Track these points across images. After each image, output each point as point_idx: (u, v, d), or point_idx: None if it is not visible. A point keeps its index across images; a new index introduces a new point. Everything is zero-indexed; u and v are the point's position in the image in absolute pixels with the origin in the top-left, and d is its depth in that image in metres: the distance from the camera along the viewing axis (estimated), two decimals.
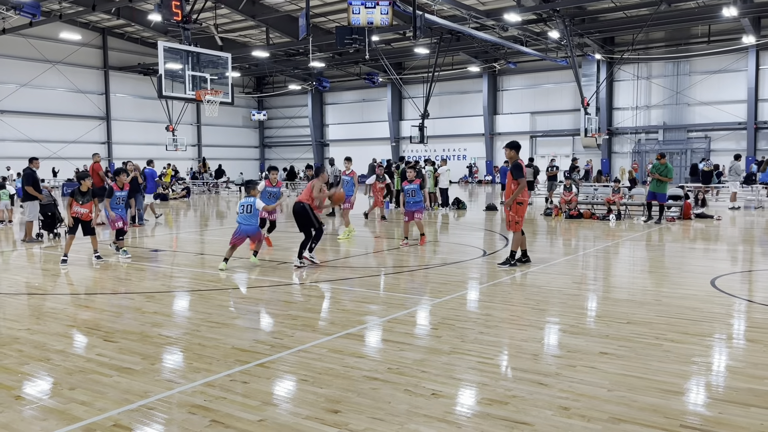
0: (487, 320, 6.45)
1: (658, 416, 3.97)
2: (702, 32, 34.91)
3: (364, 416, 4.01)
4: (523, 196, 9.71)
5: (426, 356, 5.23)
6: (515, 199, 9.59)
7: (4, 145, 38.05)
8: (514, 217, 9.66)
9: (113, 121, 44.13)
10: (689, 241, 13.33)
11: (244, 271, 9.86)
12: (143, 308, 7.16)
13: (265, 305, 7.49)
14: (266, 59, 39.83)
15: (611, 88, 39.47)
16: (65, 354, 5.42)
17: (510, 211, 9.68)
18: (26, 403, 4.29)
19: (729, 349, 5.51)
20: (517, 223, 9.66)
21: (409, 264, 10.41)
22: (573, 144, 41.55)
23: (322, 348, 5.49)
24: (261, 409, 4.16)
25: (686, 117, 37.34)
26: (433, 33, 31.61)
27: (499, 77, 43.99)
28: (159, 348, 5.61)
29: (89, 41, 41.53)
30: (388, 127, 48.00)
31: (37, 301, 7.75)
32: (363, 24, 18.90)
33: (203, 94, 16.68)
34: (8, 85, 37.97)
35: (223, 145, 51.60)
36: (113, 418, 4.02)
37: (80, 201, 10.49)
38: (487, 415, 4.03)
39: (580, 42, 34.55)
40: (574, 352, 5.30)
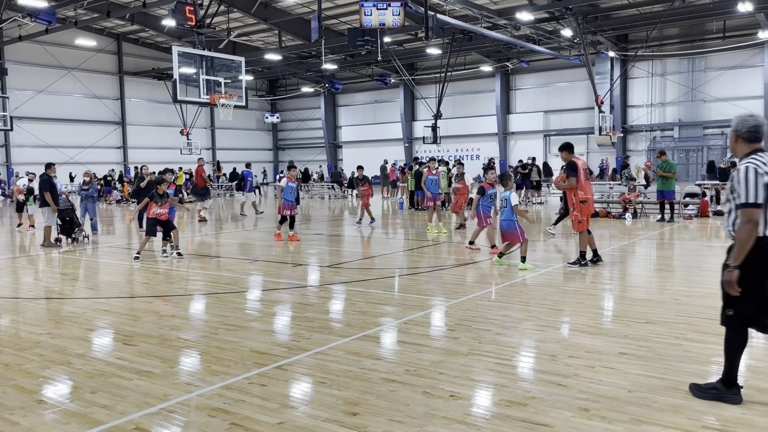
0: (504, 321, 6.43)
1: (680, 417, 3.93)
2: (717, 28, 34.52)
3: (382, 418, 4.02)
4: (585, 193, 9.52)
5: (443, 358, 5.22)
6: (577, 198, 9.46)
7: (22, 151, 38.53)
8: (577, 217, 9.53)
9: (128, 126, 44.52)
10: (707, 239, 13.19)
11: (259, 274, 9.91)
12: (161, 311, 7.21)
13: (282, 307, 7.51)
14: (279, 62, 39.99)
15: (625, 86, 39.15)
16: (85, 358, 5.48)
17: (574, 212, 9.58)
18: (48, 407, 4.35)
19: (749, 348, 5.42)
20: (581, 222, 9.47)
21: (424, 265, 10.40)
22: (587, 142, 41.27)
23: (339, 350, 5.50)
24: (280, 411, 4.18)
25: (702, 114, 36.96)
26: (445, 33, 31.54)
27: (511, 76, 43.81)
28: (178, 351, 5.65)
29: (104, 47, 41.94)
30: (401, 128, 47.97)
31: (56, 305, 7.84)
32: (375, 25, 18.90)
33: (217, 98, 16.78)
34: (25, 92, 38.44)
35: (237, 148, 51.87)
36: (134, 421, 4.06)
37: (159, 203, 11.18)
38: (506, 416, 4.01)
39: (593, 40, 34.30)
40: (593, 353, 5.26)
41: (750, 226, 3.85)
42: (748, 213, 3.86)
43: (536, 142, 42.69)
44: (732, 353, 4.14)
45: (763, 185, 3.86)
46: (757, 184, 3.85)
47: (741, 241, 3.88)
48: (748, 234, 3.85)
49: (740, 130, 4.10)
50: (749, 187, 3.86)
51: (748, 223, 3.85)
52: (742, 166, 3.96)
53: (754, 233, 3.86)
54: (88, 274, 10.19)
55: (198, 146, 42.09)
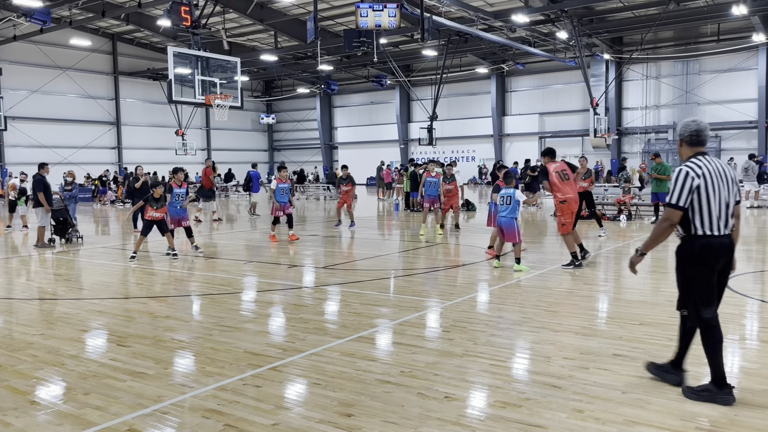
0: (499, 322, 6.44)
1: (673, 418, 3.95)
2: (711, 31, 34.67)
3: (377, 420, 4.01)
4: (564, 193, 9.46)
5: (438, 359, 5.22)
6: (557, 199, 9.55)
7: (16, 151, 38.36)
8: (560, 219, 9.58)
9: (123, 126, 44.40)
10: None
11: (254, 275, 9.90)
12: (155, 312, 7.19)
13: (276, 309, 7.50)
14: (275, 63, 39.94)
15: (620, 88, 39.28)
16: (79, 359, 5.46)
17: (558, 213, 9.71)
18: (41, 408, 4.33)
19: (743, 350, 5.47)
20: (564, 225, 9.50)
21: (419, 266, 10.40)
22: (582, 144, 41.37)
23: (334, 351, 5.50)
24: (274, 413, 4.17)
25: (696, 116, 36.99)
26: (441, 35, 31.58)
27: (507, 78, 43.89)
28: (172, 352, 5.64)
29: (99, 47, 41.81)
30: (397, 129, 48.00)
31: (50, 306, 7.81)
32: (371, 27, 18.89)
33: (213, 99, 16.72)
34: (20, 92, 38.29)
35: (232, 148, 51.77)
36: (128, 422, 4.05)
37: (154, 206, 11.29)
38: (500, 418, 4.02)
39: (588, 42, 34.41)
40: (587, 354, 5.27)
41: (666, 224, 4.17)
42: (668, 212, 4.16)
43: (531, 144, 42.77)
44: (711, 351, 4.24)
45: (691, 189, 4.11)
46: (684, 188, 4.11)
47: (655, 234, 4.24)
48: (662, 230, 4.20)
49: (683, 134, 4.33)
50: (676, 189, 4.14)
51: (665, 222, 4.17)
52: (678, 169, 4.23)
53: (669, 232, 4.20)
54: (82, 275, 10.15)
55: (193, 147, 41.99)
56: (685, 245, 4.22)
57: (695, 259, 4.16)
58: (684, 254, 4.22)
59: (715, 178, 4.15)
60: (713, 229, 4.14)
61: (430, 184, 15.07)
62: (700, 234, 4.15)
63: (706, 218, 4.13)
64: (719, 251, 4.17)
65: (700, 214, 4.13)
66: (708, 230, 4.14)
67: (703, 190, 4.11)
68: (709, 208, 4.12)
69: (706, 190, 4.11)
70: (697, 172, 4.12)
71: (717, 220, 4.14)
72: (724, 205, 4.17)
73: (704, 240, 4.14)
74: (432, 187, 15.05)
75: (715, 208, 4.13)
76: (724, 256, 4.21)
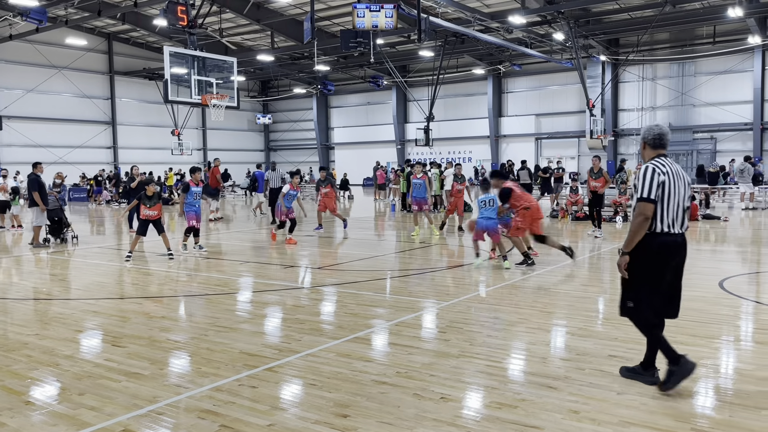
0: (495, 323, 6.44)
1: (669, 419, 3.95)
2: (707, 33, 34.78)
3: (373, 420, 4.01)
4: (529, 201, 9.83)
5: (434, 360, 5.22)
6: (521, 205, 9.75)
7: (11, 151, 38.23)
8: (517, 223, 9.73)
9: (119, 126, 44.28)
10: (696, 242, 13.27)
11: (250, 275, 9.88)
12: (151, 313, 7.17)
13: (272, 309, 7.49)
14: (271, 63, 39.90)
15: (616, 90, 39.37)
16: (74, 359, 5.44)
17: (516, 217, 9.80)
18: (36, 409, 4.31)
19: (738, 351, 5.49)
20: (519, 229, 9.77)
21: (415, 267, 10.40)
22: (578, 146, 41.44)
23: (330, 352, 5.49)
24: (270, 413, 4.16)
25: (692, 118, 37.21)
26: (438, 36, 31.60)
27: (503, 79, 43.94)
28: (167, 353, 5.62)
29: (95, 46, 41.71)
30: (393, 130, 48.00)
31: (45, 306, 7.78)
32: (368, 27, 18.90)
33: (209, 99, 16.71)
34: (15, 91, 38.16)
35: (228, 149, 51.68)
36: (123, 423, 4.03)
37: (148, 204, 11.19)
38: (496, 418, 4.02)
39: (584, 44, 34.47)
40: (583, 355, 5.28)
41: (641, 218, 4.27)
42: (640, 206, 4.28)
43: (528, 145, 42.83)
44: (656, 339, 4.48)
45: (658, 183, 4.27)
46: (653, 182, 4.26)
47: (632, 231, 4.31)
48: (639, 226, 4.28)
49: (647, 137, 4.52)
50: (645, 184, 4.28)
51: (639, 216, 4.27)
52: (644, 166, 4.40)
53: (644, 225, 4.27)
54: (77, 275, 10.12)
55: (189, 147, 41.91)
56: (642, 241, 4.34)
57: (652, 255, 4.31)
58: (641, 250, 4.35)
59: (675, 178, 4.36)
60: (671, 227, 4.32)
61: (416, 186, 14.84)
62: (659, 231, 4.31)
63: (666, 216, 4.31)
64: (675, 249, 4.36)
65: (661, 211, 4.30)
66: (666, 228, 4.31)
67: (666, 187, 4.30)
68: (668, 207, 4.31)
69: (669, 188, 4.30)
70: (662, 169, 4.32)
71: (674, 218, 4.33)
72: (680, 205, 4.37)
73: (662, 237, 4.31)
74: (418, 189, 14.77)
75: (673, 207, 4.32)
76: (679, 254, 4.39)
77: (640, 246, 4.34)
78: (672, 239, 4.33)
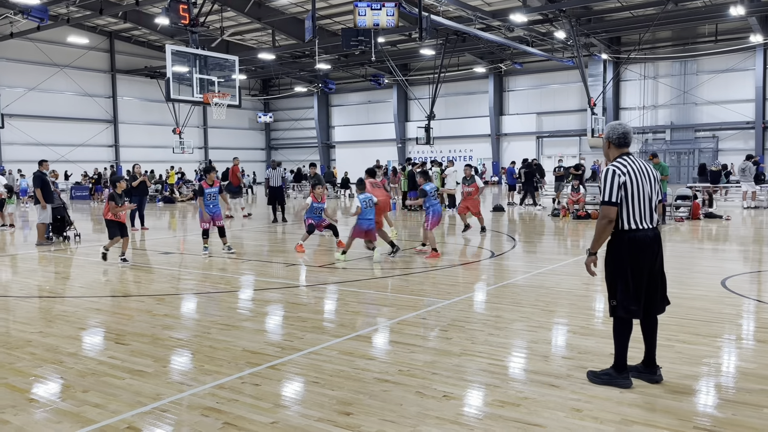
0: (497, 322, 6.45)
1: (671, 418, 3.96)
2: (709, 31, 34.77)
3: (375, 418, 4.02)
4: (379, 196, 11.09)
5: (436, 358, 5.23)
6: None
7: (13, 149, 38.30)
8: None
9: (120, 124, 44.36)
10: (698, 241, 13.27)
11: (252, 274, 9.90)
12: (154, 311, 7.19)
13: (275, 307, 7.50)
14: (272, 61, 39.92)
15: (618, 88, 39.37)
16: (77, 357, 5.46)
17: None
18: (40, 406, 4.33)
19: (740, 350, 5.49)
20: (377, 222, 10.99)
21: (417, 266, 10.41)
22: (580, 144, 41.45)
23: (332, 350, 5.50)
24: (273, 411, 4.17)
25: (694, 116, 37.21)
26: (439, 34, 31.60)
27: (505, 78, 43.95)
28: (170, 350, 5.64)
29: (96, 45, 41.75)
30: (394, 128, 48.02)
31: (48, 303, 7.80)
32: (369, 26, 18.89)
33: (211, 97, 16.70)
34: (16, 89, 38.22)
35: (229, 147, 51.74)
36: (127, 420, 4.05)
37: (119, 203, 10.57)
38: (498, 416, 4.03)
39: (586, 42, 34.46)
40: (585, 354, 5.29)
41: (605, 221, 4.40)
42: (604, 210, 4.40)
43: (529, 143, 42.84)
44: (620, 341, 4.55)
45: (619, 185, 4.36)
46: (613, 185, 4.36)
47: (596, 232, 4.47)
48: (602, 228, 4.43)
49: (611, 136, 4.58)
50: (607, 187, 4.39)
51: (603, 219, 4.41)
52: (606, 169, 4.47)
53: (608, 228, 4.43)
54: (80, 273, 10.14)
55: (190, 145, 41.96)
56: (613, 240, 4.48)
57: (623, 252, 4.42)
58: (613, 248, 4.48)
59: (638, 174, 4.42)
60: (639, 223, 4.41)
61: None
62: (627, 228, 4.41)
63: (632, 213, 4.39)
64: (645, 243, 4.42)
65: (627, 209, 4.39)
66: (634, 224, 4.40)
67: (628, 186, 4.37)
68: (633, 204, 4.39)
69: (631, 187, 4.37)
70: (622, 170, 4.39)
71: (641, 214, 4.41)
72: (647, 200, 4.44)
73: (631, 234, 4.40)
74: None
75: (638, 203, 4.40)
76: (650, 249, 4.45)
77: (613, 245, 4.48)
78: (642, 234, 4.41)
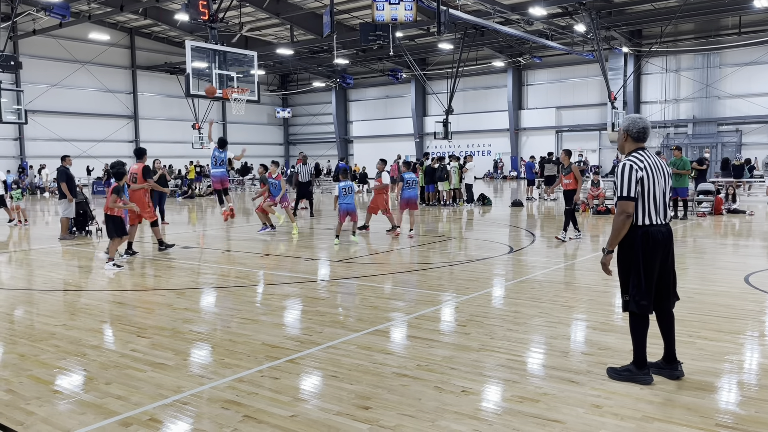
0: (516, 317, 6.42)
1: (693, 415, 3.92)
2: (733, 23, 34.16)
3: (394, 412, 4.03)
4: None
5: (455, 353, 5.23)
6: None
7: (36, 145, 38.86)
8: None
9: (141, 120, 44.77)
10: (721, 236, 13.09)
11: (271, 268, 9.96)
12: (174, 305, 7.27)
13: (293, 301, 7.55)
14: (290, 57, 40.02)
15: (639, 82, 38.87)
16: (100, 349, 5.54)
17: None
18: (64, 398, 4.40)
19: (762, 347, 5.41)
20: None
21: (434, 260, 10.40)
22: (600, 139, 41.03)
23: (350, 344, 5.52)
24: (292, 404, 4.20)
25: (716, 110, 36.63)
26: (457, 28, 31.44)
27: (524, 72, 43.60)
28: (190, 344, 5.70)
29: (117, 41, 42.15)
30: (412, 123, 47.91)
31: (71, 297, 7.92)
32: (387, 20, 18.87)
33: (230, 93, 16.80)
34: (39, 86, 38.73)
35: (248, 142, 51.89)
36: (149, 412, 4.10)
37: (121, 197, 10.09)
38: (517, 412, 4.02)
39: (606, 35, 34.04)
40: (605, 350, 5.25)
41: (623, 216, 4.33)
42: (622, 205, 4.34)
43: (548, 138, 42.50)
44: (637, 336, 4.52)
45: (636, 180, 4.32)
46: (631, 180, 4.31)
47: (615, 229, 4.38)
48: (621, 223, 4.34)
49: (631, 130, 4.48)
50: (624, 182, 4.33)
51: (622, 214, 4.33)
52: (621, 164, 4.41)
53: (627, 223, 4.34)
54: (101, 267, 10.27)
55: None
56: (627, 235, 4.41)
57: (636, 247, 4.37)
58: (626, 244, 4.43)
59: (654, 170, 4.39)
60: (653, 219, 4.38)
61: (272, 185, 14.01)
62: (641, 224, 4.38)
63: (647, 208, 4.36)
64: (658, 239, 4.39)
65: (642, 204, 4.37)
66: (648, 220, 4.37)
67: (645, 181, 4.34)
68: (649, 199, 4.36)
69: (648, 182, 4.35)
70: (639, 165, 4.36)
71: (656, 210, 4.39)
72: (661, 196, 4.42)
73: (644, 229, 4.37)
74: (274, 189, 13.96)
75: (653, 198, 4.37)
76: (663, 244, 4.42)
77: (627, 240, 4.41)
78: (655, 229, 4.38)
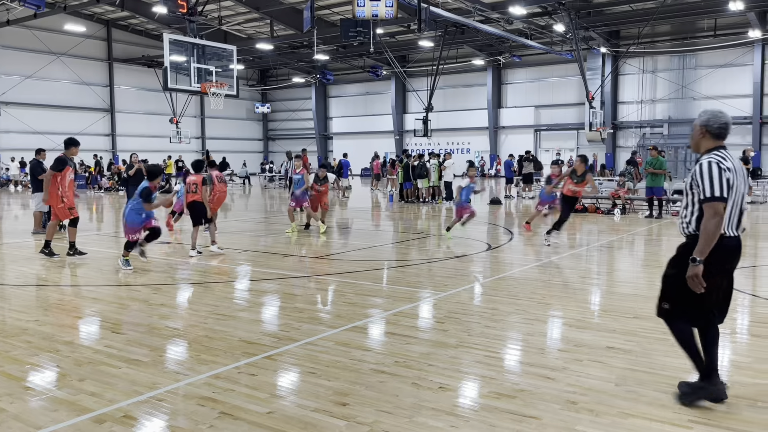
0: (494, 314, 6.46)
1: (667, 411, 3.98)
2: (708, 26, 34.73)
3: (371, 409, 4.03)
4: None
5: (432, 350, 5.24)
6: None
7: (9, 137, 38.12)
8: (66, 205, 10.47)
9: (117, 113, 44.17)
10: None
11: (248, 264, 9.89)
12: (150, 300, 7.18)
13: (271, 298, 7.51)
14: (270, 52, 39.77)
15: (616, 82, 39.33)
16: (73, 345, 5.45)
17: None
18: (36, 394, 4.32)
19: (734, 344, 5.51)
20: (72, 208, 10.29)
21: (413, 257, 10.42)
22: (577, 138, 41.45)
23: (328, 341, 5.51)
24: (269, 401, 4.18)
25: (692, 111, 37.19)
26: (438, 26, 31.50)
27: (503, 70, 43.87)
28: (166, 340, 5.64)
29: (93, 33, 41.50)
30: (392, 120, 47.95)
31: (44, 292, 7.79)
32: (368, 17, 18.85)
33: (208, 87, 16.67)
34: (12, 77, 38.00)
35: (227, 137, 51.63)
36: (123, 409, 4.05)
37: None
38: (494, 408, 4.04)
39: (585, 35, 34.39)
40: (581, 347, 5.31)
41: (717, 219, 3.76)
42: (714, 206, 3.76)
43: (527, 136, 42.82)
44: (686, 345, 4.12)
45: (727, 181, 3.79)
46: (722, 180, 3.77)
47: (709, 234, 3.77)
48: (716, 227, 3.77)
49: (711, 125, 3.95)
50: (714, 181, 3.77)
51: (715, 217, 3.76)
52: (705, 161, 3.87)
53: (720, 226, 3.78)
54: (76, 262, 10.11)
55: (188, 135, 41.83)
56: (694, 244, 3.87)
57: (709, 260, 3.80)
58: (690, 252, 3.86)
59: (738, 174, 3.89)
60: (728, 230, 3.88)
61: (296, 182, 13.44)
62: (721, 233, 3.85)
63: (726, 218, 3.84)
64: (732, 252, 3.95)
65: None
66: (722, 230, 3.84)
67: (732, 184, 3.83)
68: (730, 207, 3.85)
69: (734, 187, 3.84)
70: (728, 165, 3.83)
71: (732, 220, 3.90)
72: (740, 204, 3.92)
73: (719, 241, 3.81)
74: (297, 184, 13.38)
75: (733, 206, 3.87)
76: (735, 258, 3.99)
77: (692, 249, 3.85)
78: (728, 242, 3.88)
